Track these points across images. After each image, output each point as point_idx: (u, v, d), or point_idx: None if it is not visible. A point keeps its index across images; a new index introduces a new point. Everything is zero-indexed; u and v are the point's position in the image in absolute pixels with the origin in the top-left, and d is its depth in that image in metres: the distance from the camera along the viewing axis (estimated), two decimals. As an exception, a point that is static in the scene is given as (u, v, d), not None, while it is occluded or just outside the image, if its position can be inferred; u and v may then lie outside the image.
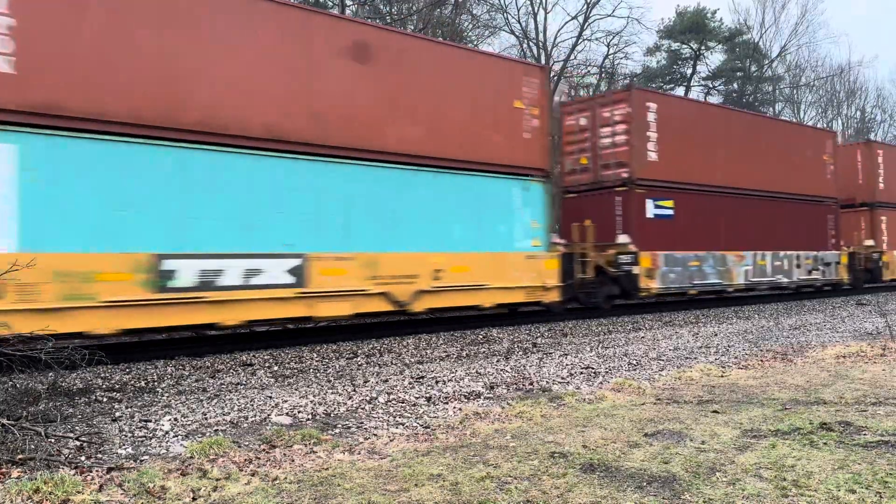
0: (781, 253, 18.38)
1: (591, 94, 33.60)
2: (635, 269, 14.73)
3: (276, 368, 8.30)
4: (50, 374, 6.06)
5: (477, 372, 7.82)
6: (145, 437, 5.08)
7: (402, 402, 6.26)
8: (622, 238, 14.94)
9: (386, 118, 10.75)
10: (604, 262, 14.66)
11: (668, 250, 15.46)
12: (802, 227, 19.11)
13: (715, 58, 45.31)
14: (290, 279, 9.59)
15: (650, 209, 15.36)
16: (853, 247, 21.30)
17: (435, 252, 11.20)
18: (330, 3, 24.36)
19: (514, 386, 7.00)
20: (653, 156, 15.57)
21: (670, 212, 15.75)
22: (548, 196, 13.10)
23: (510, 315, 14.10)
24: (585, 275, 14.01)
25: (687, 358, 8.75)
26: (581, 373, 7.74)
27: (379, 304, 10.42)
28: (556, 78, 32.61)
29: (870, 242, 22.19)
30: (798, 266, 18.73)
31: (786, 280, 18.40)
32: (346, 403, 6.21)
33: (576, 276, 13.64)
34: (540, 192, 12.85)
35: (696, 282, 15.92)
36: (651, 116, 15.66)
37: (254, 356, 9.23)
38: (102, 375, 7.72)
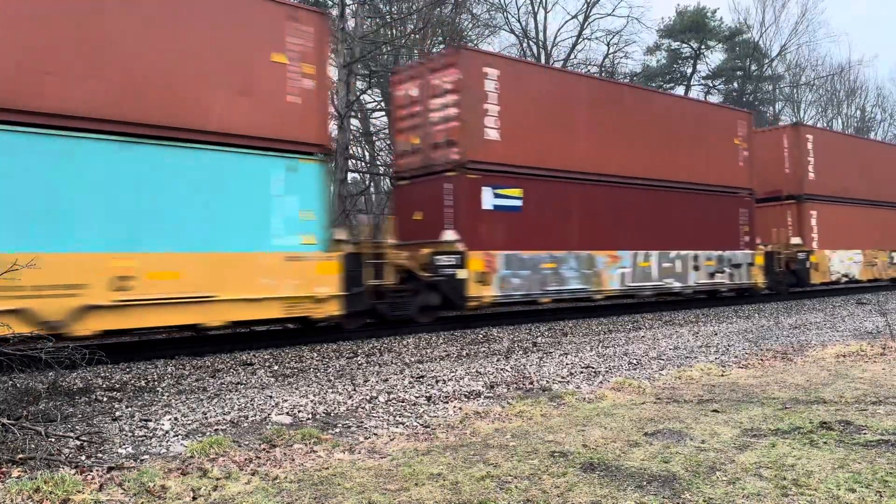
0: (673, 253, 15.50)
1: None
2: (461, 274, 11.90)
3: (276, 368, 8.31)
4: (50, 373, 6.05)
5: (477, 371, 7.83)
6: (145, 436, 5.08)
7: (403, 402, 6.26)
8: (449, 234, 12.21)
9: (39, 63, 7.86)
10: (416, 265, 11.78)
11: (513, 250, 12.68)
12: (706, 223, 16.42)
13: (715, 57, 45.33)
14: None
15: (488, 199, 12.46)
16: (772, 245, 18.73)
17: (120, 253, 8.30)
18: (330, 3, 24.35)
19: (515, 385, 7.00)
20: (493, 134, 12.53)
21: (517, 203, 12.85)
22: (327, 179, 10.60)
23: (509, 315, 14.04)
24: (384, 280, 11.20)
25: (687, 357, 8.75)
26: (581, 372, 7.74)
27: (12, 324, 6.25)
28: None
29: (797, 240, 19.59)
30: (696, 268, 16.01)
31: (678, 284, 15.62)
32: (346, 403, 6.22)
33: (365, 283, 10.74)
34: (314, 174, 10.03)
35: (550, 287, 13.18)
36: (490, 85, 12.56)
37: (254, 355, 9.23)
38: (102, 375, 7.72)
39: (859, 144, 24.61)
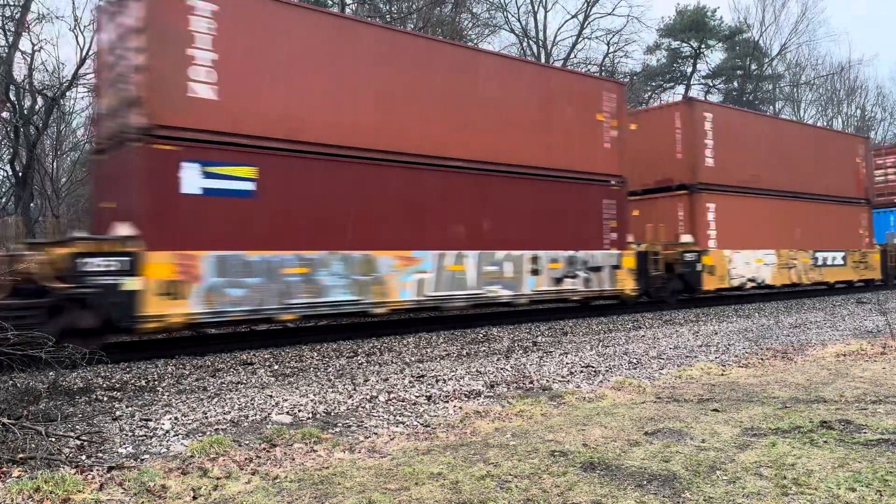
0: (501, 254, 12.21)
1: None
2: (129, 284, 8.43)
3: (276, 367, 8.31)
4: (50, 373, 6.07)
5: (477, 371, 7.83)
6: (146, 436, 5.08)
7: (403, 401, 6.26)
8: (120, 228, 8.85)
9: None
10: (48, 273, 8.24)
11: (234, 249, 9.23)
12: (554, 217, 13.14)
13: (715, 56, 45.36)
14: None
15: (192, 180, 8.97)
16: (647, 244, 15.30)
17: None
18: (329, 2, 24.35)
19: (515, 385, 7.00)
20: (201, 89, 9.07)
21: (247, 186, 9.37)
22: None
23: (509, 314, 14.06)
24: None
25: (687, 356, 8.75)
26: (581, 371, 7.74)
27: None
28: None
29: (687, 238, 16.43)
30: (535, 272, 12.66)
31: (507, 293, 12.29)
32: (346, 402, 6.22)
33: None
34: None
35: (297, 300, 9.78)
36: (200, 23, 9.13)
37: (254, 355, 9.23)
38: (103, 374, 7.73)
39: (777, 126, 20.57)
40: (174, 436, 5.08)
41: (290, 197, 9.86)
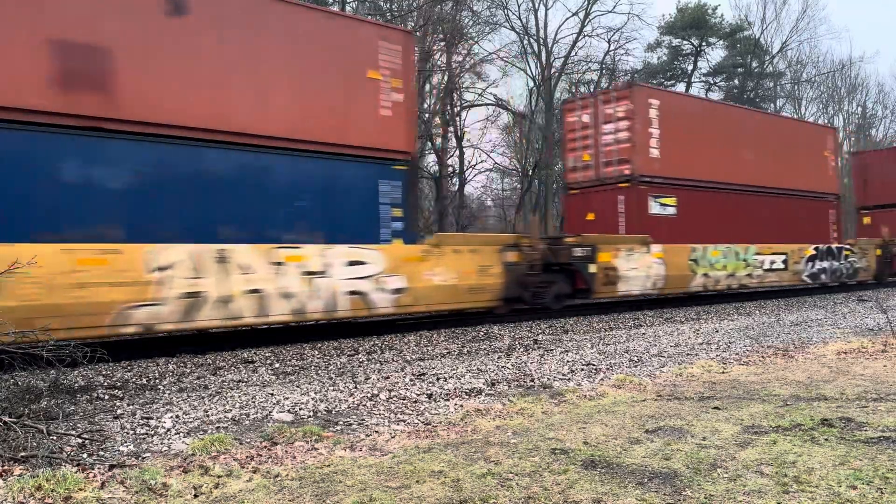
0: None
1: (592, 91, 33.58)
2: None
3: (277, 365, 8.31)
4: (51, 371, 6.06)
5: (478, 369, 7.83)
6: (147, 434, 5.09)
7: (404, 399, 6.27)
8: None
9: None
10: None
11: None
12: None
13: (716, 54, 45.31)
14: None
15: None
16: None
17: None
18: (329, 0, 24.32)
19: (515, 382, 7.00)
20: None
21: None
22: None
23: (512, 312, 14.05)
24: None
25: (688, 354, 8.75)
26: (582, 369, 7.74)
27: None
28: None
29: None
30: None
31: None
32: (347, 400, 6.22)
33: None
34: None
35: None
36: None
37: (255, 353, 9.24)
38: (104, 373, 7.73)
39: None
40: (175, 434, 5.09)
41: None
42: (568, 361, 8.27)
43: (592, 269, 14.09)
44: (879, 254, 22.03)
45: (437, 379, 7.24)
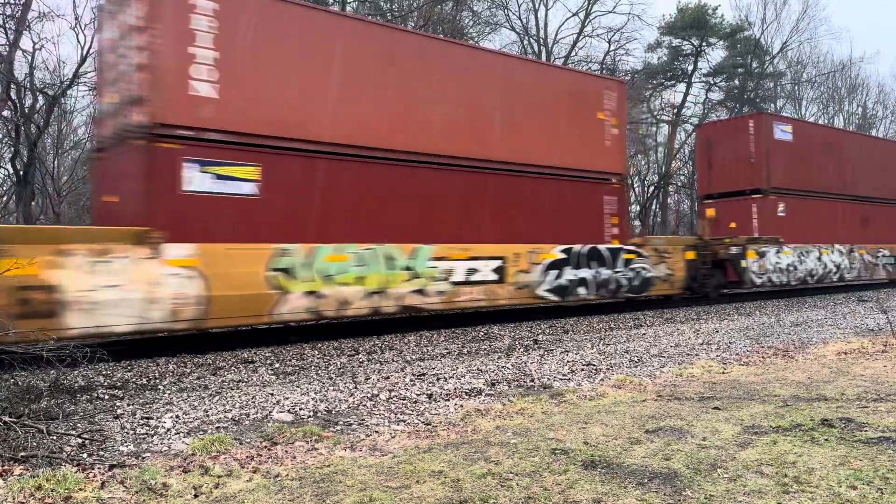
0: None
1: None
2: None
3: (277, 365, 8.31)
4: (52, 371, 6.07)
5: (478, 369, 7.83)
6: (147, 434, 5.09)
7: (404, 399, 6.27)
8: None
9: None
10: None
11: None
12: None
13: (716, 54, 45.26)
14: None
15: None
16: None
17: None
18: (330, 1, 24.34)
19: (516, 383, 7.00)
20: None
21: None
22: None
23: (512, 312, 14.05)
24: None
25: (688, 354, 8.75)
26: (582, 369, 7.74)
27: None
28: None
29: None
30: None
31: None
32: (347, 400, 6.22)
33: None
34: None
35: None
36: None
37: (255, 353, 9.24)
38: (104, 373, 7.73)
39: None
40: (175, 434, 5.09)
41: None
42: (568, 361, 8.27)
43: None
44: (692, 258, 16.27)
45: (438, 379, 7.24)
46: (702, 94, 43.99)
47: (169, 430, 5.21)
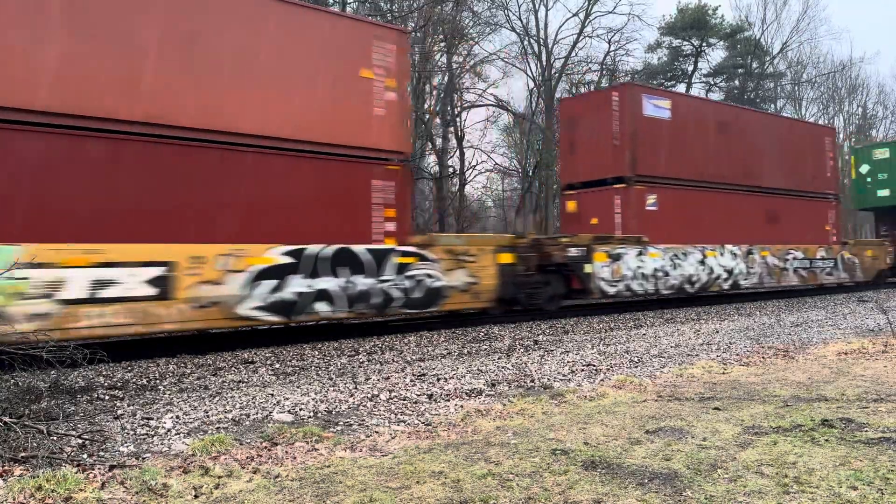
0: None
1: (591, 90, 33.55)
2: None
3: (277, 366, 8.31)
4: (52, 372, 6.07)
5: (478, 369, 7.83)
6: (147, 434, 5.09)
7: (404, 400, 6.27)
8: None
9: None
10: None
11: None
12: None
13: (716, 54, 45.32)
14: None
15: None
16: None
17: None
18: (331, 1, 24.34)
19: (516, 383, 7.00)
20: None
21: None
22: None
23: (512, 313, 14.04)
24: None
25: (688, 355, 8.75)
26: (582, 370, 7.74)
27: None
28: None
29: None
30: None
31: None
32: (347, 401, 6.22)
33: None
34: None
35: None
36: None
37: (255, 354, 9.24)
38: (104, 373, 7.73)
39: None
40: (175, 434, 5.09)
41: None
42: (568, 362, 8.27)
43: None
44: (510, 261, 12.79)
45: (438, 379, 7.24)
46: (702, 94, 43.98)
47: (169, 430, 5.21)
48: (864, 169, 25.59)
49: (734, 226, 17.21)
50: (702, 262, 16.32)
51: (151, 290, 8.62)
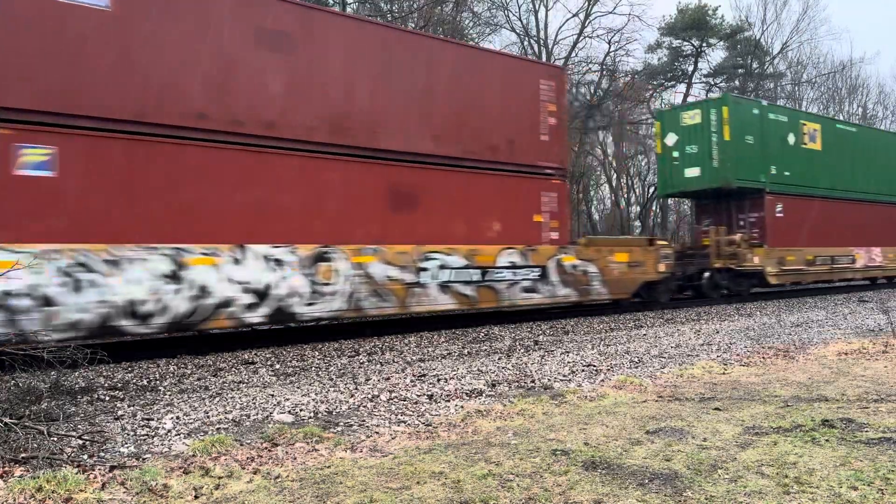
0: None
1: (592, 92, 33.56)
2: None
3: (278, 367, 8.31)
4: (52, 372, 6.06)
5: (479, 370, 7.83)
6: (147, 435, 5.09)
7: (404, 400, 6.27)
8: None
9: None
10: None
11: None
12: None
13: (716, 55, 45.27)
14: None
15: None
16: None
17: None
18: (331, 1, 24.36)
19: (516, 383, 7.00)
20: None
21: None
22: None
23: (513, 313, 14.07)
24: None
25: (689, 355, 8.74)
26: (583, 370, 7.74)
27: None
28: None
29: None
30: None
31: None
32: (348, 401, 6.22)
33: None
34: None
35: None
36: None
37: (256, 354, 9.24)
38: (105, 374, 7.73)
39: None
40: (176, 435, 5.09)
41: None
42: (568, 362, 8.26)
43: None
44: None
45: (438, 380, 7.24)
46: (702, 94, 43.96)
47: (169, 431, 5.21)
48: (672, 140, 18.63)
49: (306, 214, 10.24)
50: (172, 277, 8.87)
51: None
